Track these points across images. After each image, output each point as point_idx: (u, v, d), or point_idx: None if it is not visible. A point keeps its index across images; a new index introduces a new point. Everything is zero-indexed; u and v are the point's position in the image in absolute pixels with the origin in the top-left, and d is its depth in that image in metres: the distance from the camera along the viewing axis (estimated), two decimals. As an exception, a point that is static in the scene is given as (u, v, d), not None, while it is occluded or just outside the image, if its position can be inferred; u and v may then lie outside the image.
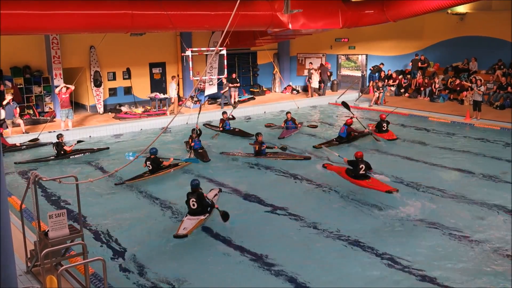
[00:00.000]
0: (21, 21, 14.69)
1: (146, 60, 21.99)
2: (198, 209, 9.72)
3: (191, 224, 9.45)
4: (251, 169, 13.64)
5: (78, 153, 14.87)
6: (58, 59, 19.24)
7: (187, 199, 9.84)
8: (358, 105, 22.51)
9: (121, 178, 12.52)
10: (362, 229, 9.47)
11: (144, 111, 20.39)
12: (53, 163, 14.25)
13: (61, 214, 6.91)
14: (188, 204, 9.81)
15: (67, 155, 14.59)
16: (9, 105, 16.46)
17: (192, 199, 9.73)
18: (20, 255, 7.59)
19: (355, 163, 11.81)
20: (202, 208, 9.76)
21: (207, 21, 17.98)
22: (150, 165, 12.73)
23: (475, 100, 19.06)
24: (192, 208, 9.74)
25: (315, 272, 7.93)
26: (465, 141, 16.33)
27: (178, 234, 9.13)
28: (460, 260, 8.30)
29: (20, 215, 7.64)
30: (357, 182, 11.70)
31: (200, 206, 9.72)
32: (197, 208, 9.71)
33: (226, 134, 17.41)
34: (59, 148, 14.46)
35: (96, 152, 15.26)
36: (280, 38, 23.64)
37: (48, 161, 14.41)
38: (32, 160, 14.44)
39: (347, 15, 20.59)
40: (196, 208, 9.71)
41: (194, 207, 9.72)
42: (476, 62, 23.50)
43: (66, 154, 14.57)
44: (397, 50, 25.77)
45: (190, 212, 9.79)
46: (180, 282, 7.72)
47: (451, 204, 10.79)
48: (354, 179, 11.80)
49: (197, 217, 9.66)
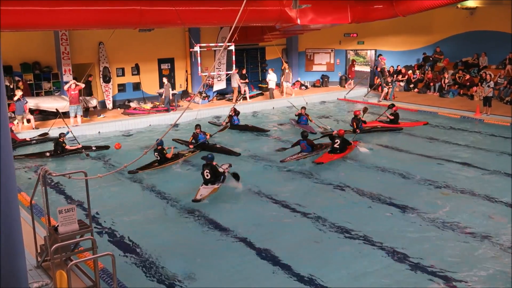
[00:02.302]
0: (31, 17, 14.77)
1: (155, 56, 22.01)
2: (212, 179, 11.19)
3: (206, 191, 10.94)
4: (260, 166, 13.67)
5: (78, 152, 14.68)
6: (67, 55, 19.30)
7: (202, 170, 11.29)
8: (367, 101, 22.42)
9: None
10: (376, 228, 9.41)
11: (153, 106, 20.42)
12: (60, 159, 14.24)
13: (70, 209, 6.94)
14: (202, 174, 11.24)
15: (63, 154, 14.44)
16: (20, 101, 16.56)
17: (206, 170, 11.21)
18: (30, 250, 7.65)
19: (330, 137, 13.93)
20: (215, 178, 11.24)
21: (215, 17, 17.96)
22: (158, 156, 13.33)
23: (485, 96, 18.92)
24: (206, 178, 11.21)
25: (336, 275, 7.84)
26: (475, 137, 16.23)
27: (196, 199, 10.64)
28: (473, 258, 8.25)
29: (30, 211, 7.69)
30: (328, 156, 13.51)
31: (213, 176, 11.20)
32: (211, 178, 11.19)
33: (233, 130, 17.48)
34: (58, 146, 14.41)
35: (95, 151, 15.07)
36: (289, 33, 23.57)
37: (43, 157, 14.28)
38: (27, 155, 14.34)
39: (356, 10, 20.48)
40: (209, 178, 11.18)
41: (208, 177, 11.19)
42: (486, 57, 23.33)
43: (62, 153, 14.43)
44: (406, 45, 25.62)
45: (204, 181, 11.23)
46: (189, 277, 7.74)
47: (464, 201, 10.73)
48: (330, 152, 13.71)
49: (211, 186, 11.15)
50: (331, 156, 13.69)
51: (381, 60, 24.91)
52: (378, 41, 25.70)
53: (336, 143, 13.71)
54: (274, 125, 18.60)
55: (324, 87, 26.14)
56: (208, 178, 11.19)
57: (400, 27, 24.28)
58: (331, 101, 23.49)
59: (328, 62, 26.80)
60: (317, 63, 26.85)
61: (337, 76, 26.43)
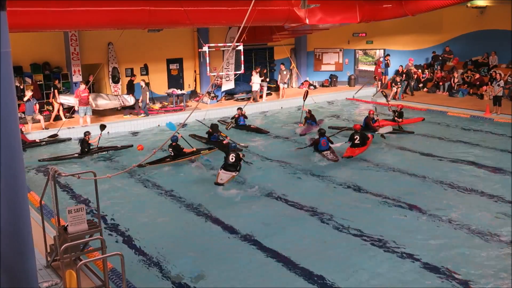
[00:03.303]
0: (41, 18, 14.89)
1: (164, 56, 22.07)
2: (235, 163, 12.16)
3: (226, 177, 11.87)
4: (268, 165, 13.66)
5: (102, 151, 14.92)
6: (77, 55, 19.40)
7: (227, 154, 12.31)
8: (375, 100, 22.34)
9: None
10: (386, 228, 9.36)
11: (161, 107, 20.47)
12: (76, 160, 14.29)
13: (80, 209, 6.99)
14: (226, 158, 12.24)
15: (91, 152, 14.64)
16: (29, 101, 16.66)
17: (232, 154, 12.25)
18: (40, 250, 7.70)
19: (351, 136, 14.37)
20: (237, 164, 12.18)
21: (224, 17, 17.99)
22: (172, 152, 13.57)
23: (495, 95, 18.79)
24: (230, 161, 12.16)
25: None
26: (485, 136, 16.11)
27: (218, 182, 11.64)
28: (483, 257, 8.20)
29: (40, 211, 7.74)
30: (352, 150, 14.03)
31: (236, 161, 12.21)
32: (234, 162, 12.16)
33: (239, 130, 17.52)
34: (84, 145, 14.56)
35: (120, 149, 15.31)
36: (297, 33, 23.55)
37: (72, 158, 14.41)
38: (55, 158, 14.40)
39: (364, 10, 20.43)
40: (233, 162, 12.15)
41: (232, 161, 12.17)
42: (496, 56, 23.16)
43: (90, 152, 14.63)
44: (416, 44, 25.48)
45: (225, 166, 12.14)
46: (198, 276, 7.74)
47: (474, 201, 10.68)
48: (351, 147, 14.18)
49: (230, 173, 11.99)
50: (355, 150, 14.14)
51: (409, 61, 24.49)
52: (387, 40, 25.58)
53: (356, 139, 14.23)
54: (282, 125, 18.56)
55: (332, 87, 26.08)
56: (232, 162, 12.14)
57: (409, 26, 24.16)
58: (340, 100, 23.41)
59: (337, 61, 26.74)
60: (325, 62, 26.79)
61: (345, 76, 26.35)
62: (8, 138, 4.83)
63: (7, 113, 4.80)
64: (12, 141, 4.89)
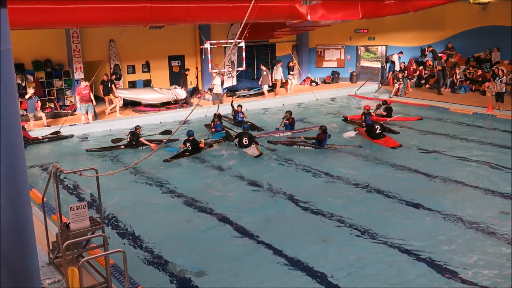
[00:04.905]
0: (42, 16, 14.87)
1: (165, 53, 22.08)
2: (250, 144, 13.89)
3: (254, 149, 13.74)
4: (272, 161, 13.67)
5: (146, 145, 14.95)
6: (78, 52, 19.42)
7: (240, 138, 14.14)
8: (377, 97, 22.29)
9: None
10: (392, 227, 9.35)
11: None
12: (82, 157, 14.29)
13: (82, 206, 6.99)
14: (240, 141, 14.06)
15: (137, 146, 14.84)
16: (31, 98, 16.69)
17: (245, 138, 14.03)
18: (43, 247, 7.71)
19: (371, 126, 15.08)
20: (252, 143, 13.87)
21: (225, 14, 17.95)
22: (190, 146, 13.90)
23: (498, 91, 18.74)
24: (244, 144, 13.97)
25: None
26: (487, 133, 16.08)
27: (257, 156, 13.44)
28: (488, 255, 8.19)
29: (42, 208, 7.75)
30: (375, 141, 14.72)
31: (250, 142, 13.94)
32: (249, 143, 13.91)
33: (235, 126, 17.49)
34: (134, 137, 14.78)
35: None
36: (299, 29, 23.49)
37: (119, 149, 14.77)
38: (104, 148, 14.82)
39: (366, 6, 20.37)
40: (248, 144, 13.91)
41: (246, 143, 13.95)
42: (498, 52, 23.08)
43: (137, 144, 14.84)
44: (418, 40, 25.43)
45: (243, 147, 14.00)
46: (201, 274, 7.74)
47: (478, 198, 10.66)
48: (372, 138, 14.90)
49: (252, 146, 13.83)
50: (385, 140, 14.84)
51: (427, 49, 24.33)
52: (389, 37, 25.54)
53: (377, 129, 14.96)
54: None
55: (334, 83, 26.04)
56: (247, 144, 13.86)
57: (412, 22, 24.11)
58: (342, 97, 23.36)
59: (339, 58, 26.72)
60: (327, 59, 26.78)
61: (347, 72, 26.31)
62: (10, 135, 4.82)
63: (8, 110, 4.78)
64: (13, 138, 4.87)
